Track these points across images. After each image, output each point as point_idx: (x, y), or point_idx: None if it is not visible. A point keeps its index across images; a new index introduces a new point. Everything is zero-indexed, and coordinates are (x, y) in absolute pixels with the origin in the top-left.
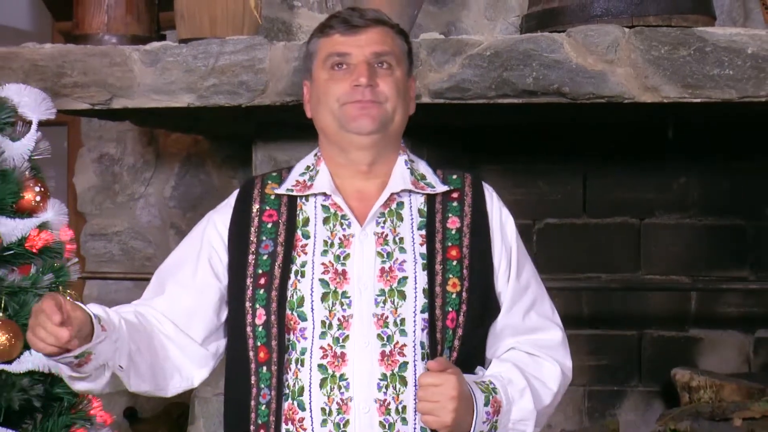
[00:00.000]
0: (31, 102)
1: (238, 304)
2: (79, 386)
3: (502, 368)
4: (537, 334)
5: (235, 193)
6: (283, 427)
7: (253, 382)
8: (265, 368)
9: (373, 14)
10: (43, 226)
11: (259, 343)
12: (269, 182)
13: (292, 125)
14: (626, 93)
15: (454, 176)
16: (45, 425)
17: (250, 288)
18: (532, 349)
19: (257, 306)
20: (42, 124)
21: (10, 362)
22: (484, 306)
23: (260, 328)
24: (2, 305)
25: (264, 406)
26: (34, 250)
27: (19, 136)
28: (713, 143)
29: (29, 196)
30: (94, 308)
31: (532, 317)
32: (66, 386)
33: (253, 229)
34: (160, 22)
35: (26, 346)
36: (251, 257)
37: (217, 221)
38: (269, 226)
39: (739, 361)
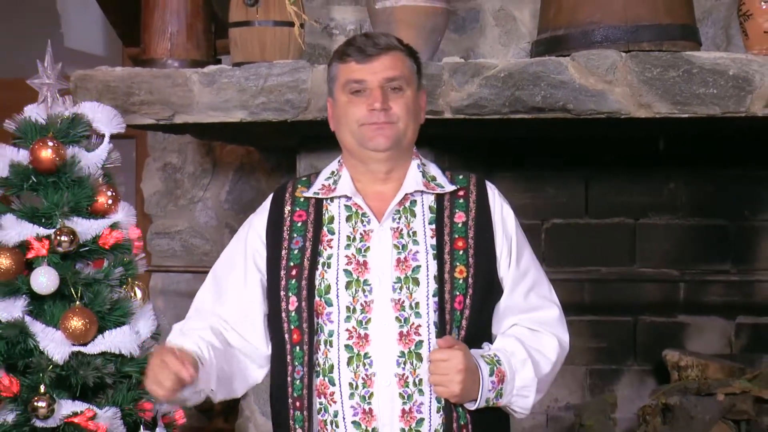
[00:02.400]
0: (104, 118)
1: (275, 294)
2: (179, 404)
3: (505, 342)
4: (537, 312)
5: (270, 196)
6: (316, 400)
7: (288, 360)
8: (298, 348)
9: (384, 41)
10: (114, 226)
11: (292, 327)
12: (299, 186)
13: (331, 138)
14: (623, 109)
15: (461, 176)
16: (116, 399)
17: (284, 279)
18: (532, 325)
19: (290, 294)
20: (113, 137)
21: (85, 344)
22: (487, 290)
23: (293, 313)
24: (79, 295)
25: (298, 381)
26: (107, 247)
27: (94, 147)
28: (699, 153)
29: (102, 200)
30: (188, 344)
31: (532, 298)
32: (134, 365)
33: (285, 228)
34: (217, 48)
35: (100, 330)
36: (284, 252)
37: (256, 223)
38: (299, 224)
39: (722, 344)
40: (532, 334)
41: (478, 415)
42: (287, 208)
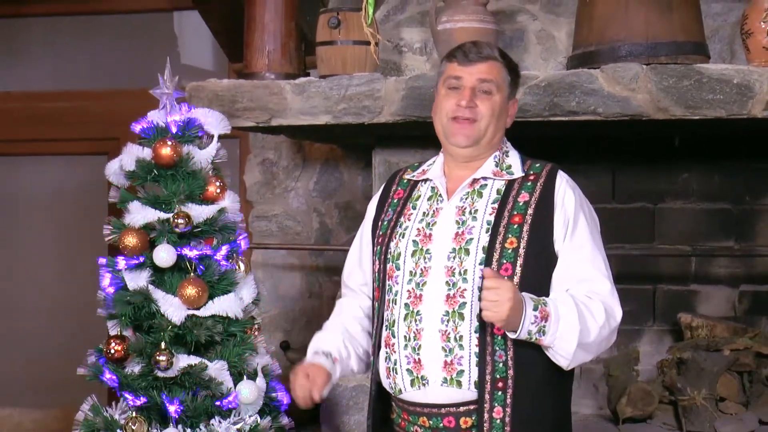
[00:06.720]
0: (213, 121)
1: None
2: None
3: (556, 295)
4: (589, 282)
5: (387, 180)
6: (383, 349)
7: (372, 314)
8: (377, 304)
9: (487, 51)
10: (221, 211)
11: (375, 285)
12: (408, 170)
13: (401, 137)
14: (644, 112)
15: (537, 165)
16: (223, 353)
17: (374, 246)
18: (585, 292)
19: (376, 258)
20: (221, 137)
21: (198, 308)
22: (541, 259)
23: (376, 274)
24: (193, 267)
25: (375, 332)
26: (216, 228)
27: (205, 146)
28: (708, 149)
29: (212, 189)
30: (325, 345)
31: (586, 268)
32: (238, 325)
33: (387, 204)
34: (306, 63)
35: (210, 297)
36: (380, 223)
37: (371, 205)
38: (395, 201)
39: (727, 308)
40: (584, 297)
41: (521, 368)
42: (393, 188)
